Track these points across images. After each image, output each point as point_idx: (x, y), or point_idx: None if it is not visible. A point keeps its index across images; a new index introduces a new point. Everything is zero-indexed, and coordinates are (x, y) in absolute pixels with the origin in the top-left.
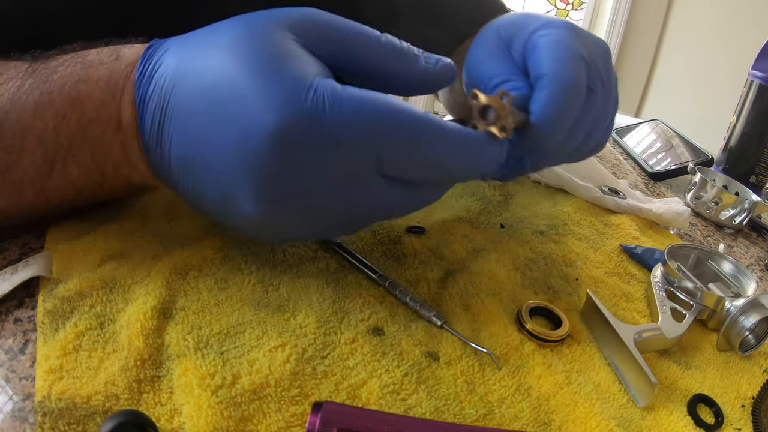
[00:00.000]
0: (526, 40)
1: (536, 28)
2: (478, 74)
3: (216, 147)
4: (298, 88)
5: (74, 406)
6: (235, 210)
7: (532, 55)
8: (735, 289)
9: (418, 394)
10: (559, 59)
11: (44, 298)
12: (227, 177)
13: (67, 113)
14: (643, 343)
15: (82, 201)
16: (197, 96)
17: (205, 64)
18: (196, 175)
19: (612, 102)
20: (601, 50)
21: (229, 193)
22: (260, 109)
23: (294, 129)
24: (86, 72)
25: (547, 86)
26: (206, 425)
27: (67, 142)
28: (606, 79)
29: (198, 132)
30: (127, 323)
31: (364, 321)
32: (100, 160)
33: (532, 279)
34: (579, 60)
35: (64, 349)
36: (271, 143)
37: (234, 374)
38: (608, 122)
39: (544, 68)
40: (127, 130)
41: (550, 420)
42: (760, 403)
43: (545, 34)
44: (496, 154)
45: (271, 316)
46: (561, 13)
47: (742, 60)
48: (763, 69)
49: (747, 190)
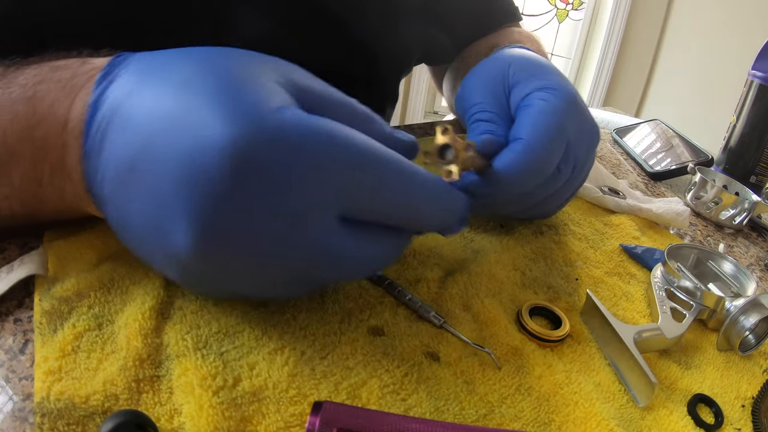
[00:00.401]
0: (527, 95)
1: (541, 86)
2: (470, 100)
3: (158, 159)
4: (260, 107)
5: (73, 406)
6: (163, 242)
7: (522, 112)
8: (735, 289)
9: (418, 394)
10: (542, 132)
11: (41, 298)
12: (164, 197)
13: (19, 112)
14: (643, 343)
15: (30, 216)
16: (151, 104)
17: (168, 74)
18: (130, 192)
19: (577, 183)
20: (589, 135)
21: (162, 219)
22: (215, 121)
23: (250, 148)
24: (50, 74)
25: (517, 151)
26: (207, 425)
27: (12, 142)
28: (580, 165)
29: (143, 141)
30: (125, 323)
31: (364, 321)
32: (38, 165)
33: (532, 279)
34: (561, 140)
35: (63, 350)
36: (221, 160)
37: (235, 377)
38: (565, 199)
39: (524, 132)
40: (72, 131)
41: (551, 420)
42: (760, 403)
43: (544, 98)
44: (461, 204)
45: (271, 316)
46: (561, 14)
47: (742, 60)
48: (763, 69)
49: (747, 190)
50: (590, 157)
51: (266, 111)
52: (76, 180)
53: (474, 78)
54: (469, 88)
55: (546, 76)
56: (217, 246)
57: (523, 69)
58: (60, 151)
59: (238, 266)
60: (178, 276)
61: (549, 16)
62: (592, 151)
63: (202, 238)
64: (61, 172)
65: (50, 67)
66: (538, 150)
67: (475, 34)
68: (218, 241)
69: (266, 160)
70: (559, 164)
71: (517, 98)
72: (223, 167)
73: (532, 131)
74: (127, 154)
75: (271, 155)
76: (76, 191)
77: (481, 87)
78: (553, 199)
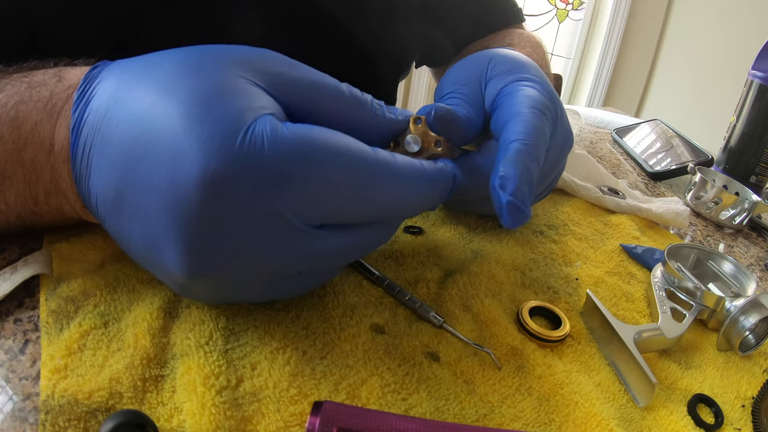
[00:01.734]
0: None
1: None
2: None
3: (141, 189)
4: (231, 129)
5: (76, 402)
6: (159, 264)
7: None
8: (735, 289)
9: (418, 394)
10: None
11: (47, 298)
12: (152, 225)
13: (4, 133)
14: (643, 343)
15: (26, 226)
16: (126, 128)
17: (137, 94)
18: (122, 218)
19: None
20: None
21: (154, 244)
22: (188, 152)
23: (224, 173)
24: (29, 92)
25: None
26: (209, 424)
27: (2, 164)
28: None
29: (123, 169)
30: (134, 322)
31: (364, 321)
32: (32, 185)
33: (532, 279)
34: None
35: (69, 348)
36: (198, 190)
37: (238, 378)
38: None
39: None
40: (59, 156)
41: (551, 420)
42: (760, 403)
43: (525, 86)
44: (446, 182)
45: (276, 315)
46: (561, 14)
47: (742, 60)
48: (763, 69)
49: (747, 190)
50: (563, 159)
51: (236, 132)
52: (72, 200)
53: (453, 71)
54: (444, 81)
55: (526, 71)
56: (207, 266)
57: (502, 64)
58: (50, 173)
59: (230, 280)
60: (179, 291)
61: (549, 16)
62: (565, 152)
63: (193, 261)
64: (56, 193)
65: (28, 84)
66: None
67: (477, 36)
68: (208, 261)
69: (240, 183)
70: None
71: (494, 91)
72: (202, 196)
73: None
74: (111, 183)
75: (243, 179)
76: (74, 209)
77: (457, 79)
78: None
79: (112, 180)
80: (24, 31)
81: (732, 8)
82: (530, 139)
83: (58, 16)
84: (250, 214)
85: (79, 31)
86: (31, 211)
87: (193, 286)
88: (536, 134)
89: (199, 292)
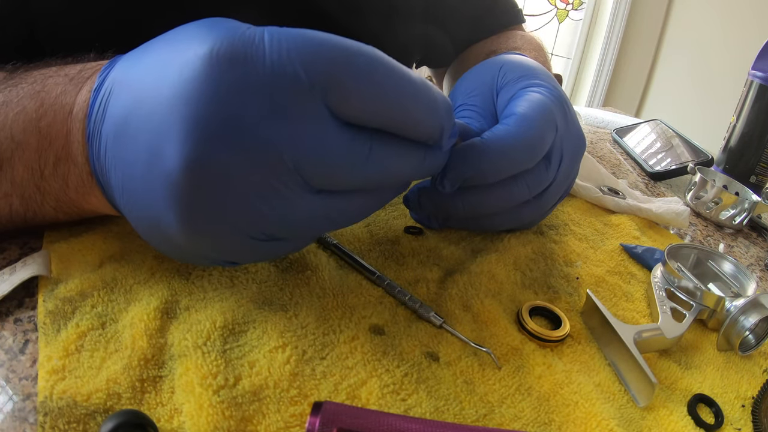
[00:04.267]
0: (516, 93)
1: (530, 84)
2: (455, 103)
3: (150, 96)
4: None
5: (75, 404)
6: (158, 167)
7: (513, 101)
8: (735, 289)
9: (418, 394)
10: (535, 110)
11: (45, 299)
12: (157, 120)
13: (26, 106)
14: (643, 343)
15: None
16: (144, 68)
17: (163, 41)
18: (127, 137)
19: (562, 190)
20: (577, 140)
21: (157, 141)
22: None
23: (230, 52)
24: (59, 71)
25: (510, 124)
26: (207, 424)
27: (17, 134)
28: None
29: (134, 95)
30: (131, 323)
31: (364, 321)
32: (43, 153)
33: (532, 279)
34: (552, 124)
35: (66, 349)
36: (203, 65)
37: (236, 376)
38: (549, 207)
39: (519, 110)
40: (77, 116)
41: (551, 420)
42: (760, 403)
43: (535, 91)
44: (446, 108)
45: (274, 315)
46: (561, 14)
47: (742, 60)
48: (763, 69)
49: (747, 190)
50: (576, 165)
51: (243, 26)
52: (81, 163)
53: (464, 82)
54: (456, 92)
55: (537, 77)
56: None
57: (513, 71)
58: (65, 137)
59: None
60: (173, 221)
61: (549, 16)
62: (578, 159)
63: (197, 143)
64: (66, 159)
65: (59, 65)
66: (532, 123)
67: (477, 37)
68: (213, 146)
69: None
70: (549, 153)
71: (505, 98)
72: (207, 70)
73: (525, 107)
74: (122, 111)
75: (250, 49)
76: (81, 176)
77: (468, 90)
78: (539, 203)
79: (123, 108)
80: (22, 30)
81: (732, 8)
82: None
83: (59, 18)
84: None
85: (79, 31)
86: (37, 187)
87: (188, 198)
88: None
89: (189, 218)
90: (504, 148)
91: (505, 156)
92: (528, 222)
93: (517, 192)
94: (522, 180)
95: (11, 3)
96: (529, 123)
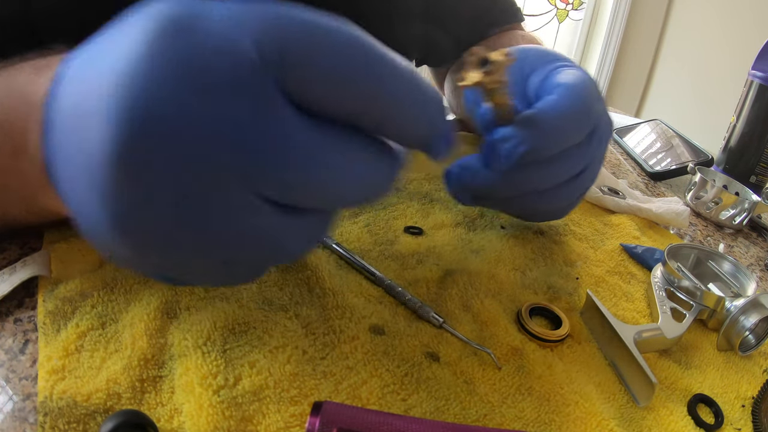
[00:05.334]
0: (549, 72)
1: (562, 65)
2: None
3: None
4: None
5: (75, 404)
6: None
7: (549, 79)
8: (735, 289)
9: (418, 394)
10: (579, 82)
11: (45, 299)
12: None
13: None
14: (643, 343)
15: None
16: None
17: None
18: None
19: (594, 176)
20: (608, 122)
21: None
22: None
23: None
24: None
25: (560, 93)
26: (207, 424)
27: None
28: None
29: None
30: (131, 323)
31: (364, 320)
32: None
33: (532, 279)
34: (594, 98)
35: (66, 349)
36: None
37: (236, 376)
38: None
39: (562, 81)
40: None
41: (551, 420)
42: (760, 403)
43: (572, 69)
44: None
45: (274, 315)
46: (561, 14)
47: (742, 60)
48: (763, 69)
49: (747, 190)
50: (606, 147)
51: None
52: (35, 156)
53: None
54: None
55: (565, 61)
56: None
57: (540, 57)
58: (23, 127)
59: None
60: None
61: (549, 16)
62: (608, 140)
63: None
64: (23, 151)
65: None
66: (581, 92)
67: (477, 36)
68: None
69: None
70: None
71: (536, 80)
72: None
73: (568, 79)
74: (68, 99)
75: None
76: (36, 171)
77: None
78: (575, 184)
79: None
80: (24, 30)
81: (732, 8)
82: None
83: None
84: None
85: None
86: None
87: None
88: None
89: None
90: (560, 118)
91: (562, 127)
92: (564, 206)
93: (562, 168)
94: (568, 154)
95: (12, 3)
96: (578, 92)
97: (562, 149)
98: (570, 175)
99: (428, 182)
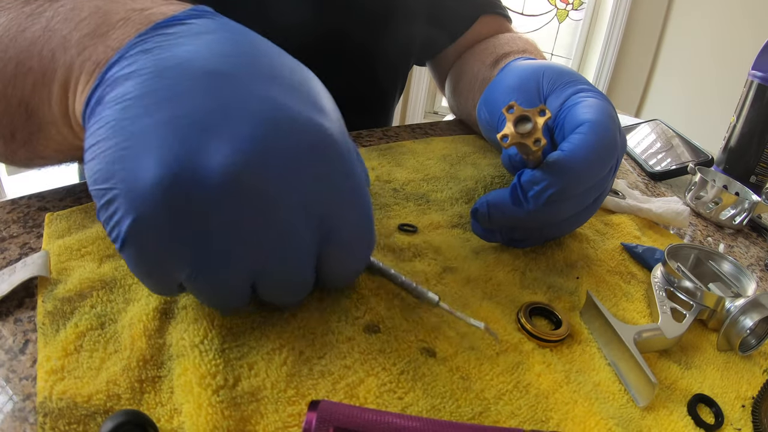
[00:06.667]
0: (569, 97)
1: (581, 90)
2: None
3: None
4: None
5: (75, 405)
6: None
7: (572, 109)
8: (735, 289)
9: (414, 392)
10: (603, 115)
11: (44, 299)
12: None
13: None
14: (643, 343)
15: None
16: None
17: None
18: None
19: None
20: (625, 141)
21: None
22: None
23: None
24: None
25: (585, 132)
26: (206, 424)
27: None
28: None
29: None
30: (130, 323)
31: (360, 318)
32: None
33: (532, 279)
34: (617, 127)
35: (65, 349)
36: None
37: (235, 377)
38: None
39: (587, 116)
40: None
41: (548, 417)
42: (760, 403)
43: (591, 96)
44: None
45: (271, 315)
46: (561, 14)
47: (742, 60)
48: (763, 69)
49: (747, 190)
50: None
51: None
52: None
53: (505, 82)
54: (499, 92)
55: (581, 83)
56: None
57: (558, 77)
58: (113, 23)
59: None
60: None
61: (549, 16)
62: (620, 163)
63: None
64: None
65: None
66: (606, 130)
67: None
68: None
69: None
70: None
71: (556, 104)
72: None
73: (592, 114)
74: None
75: None
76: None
77: (514, 90)
78: (595, 204)
79: None
80: None
81: (732, 9)
82: None
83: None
84: None
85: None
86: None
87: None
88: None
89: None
90: (588, 161)
91: (589, 169)
92: (581, 224)
93: (584, 199)
94: (592, 187)
95: None
96: (603, 131)
97: (592, 184)
98: (589, 202)
99: (426, 183)
